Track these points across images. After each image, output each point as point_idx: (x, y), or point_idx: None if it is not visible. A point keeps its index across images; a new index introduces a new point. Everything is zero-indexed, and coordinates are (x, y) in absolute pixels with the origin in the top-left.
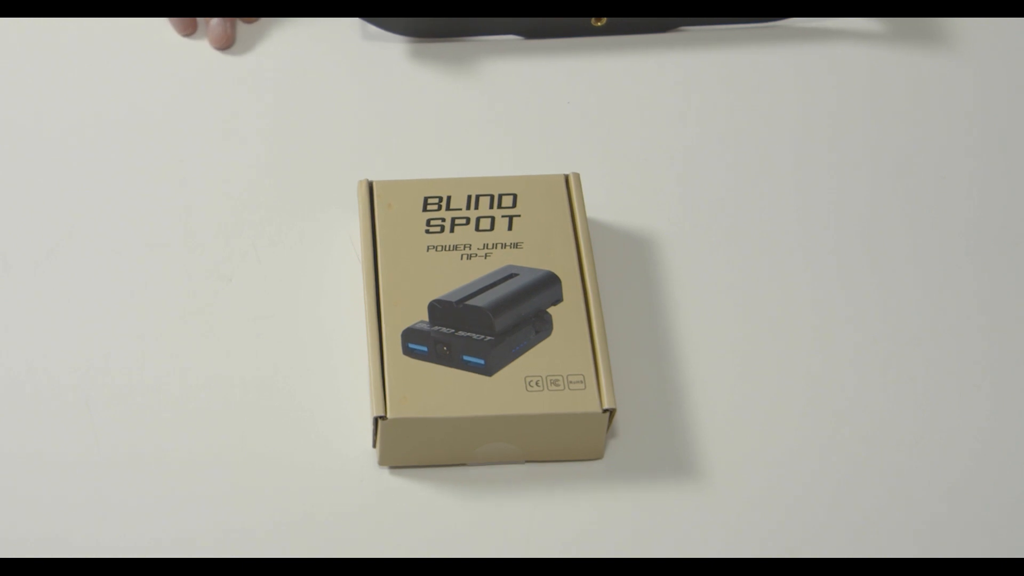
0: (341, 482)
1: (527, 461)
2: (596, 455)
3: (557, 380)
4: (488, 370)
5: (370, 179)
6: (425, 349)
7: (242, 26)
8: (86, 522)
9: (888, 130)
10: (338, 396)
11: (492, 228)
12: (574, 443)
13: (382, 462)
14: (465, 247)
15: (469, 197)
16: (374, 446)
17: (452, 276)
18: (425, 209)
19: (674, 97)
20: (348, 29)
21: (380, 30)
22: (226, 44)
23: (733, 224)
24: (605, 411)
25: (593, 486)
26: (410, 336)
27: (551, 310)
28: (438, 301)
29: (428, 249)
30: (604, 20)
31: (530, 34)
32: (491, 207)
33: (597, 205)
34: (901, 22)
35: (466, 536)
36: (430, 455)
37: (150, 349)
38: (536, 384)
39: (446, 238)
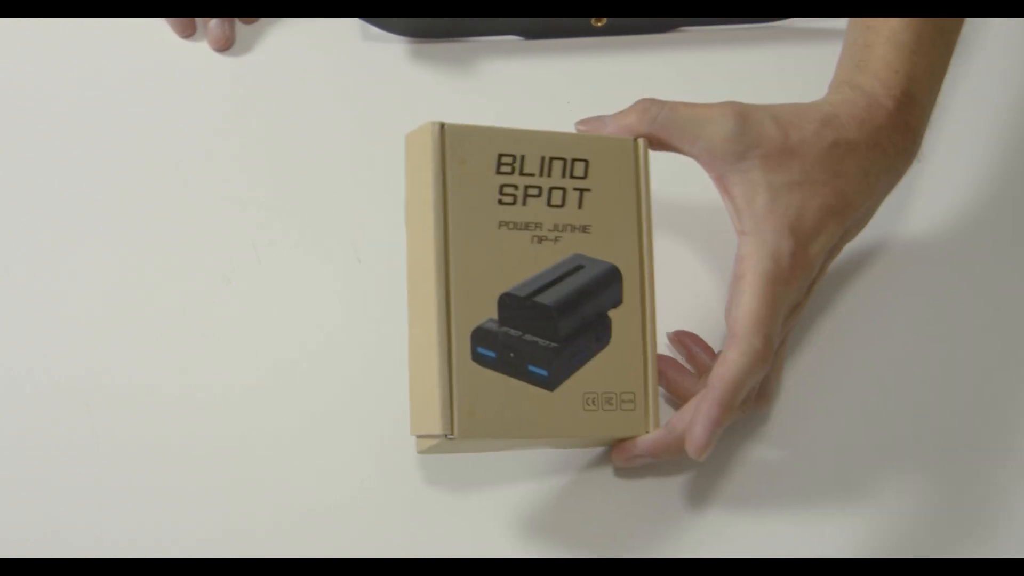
0: (340, 484)
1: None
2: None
3: (611, 398)
4: (550, 384)
5: (439, 121)
6: (493, 355)
7: (241, 27)
8: (83, 523)
9: None
10: (338, 397)
11: (563, 204)
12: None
13: (421, 450)
14: (536, 227)
15: (543, 160)
16: (412, 433)
17: (522, 262)
18: (499, 171)
19: (674, 97)
20: (348, 29)
21: (380, 30)
22: (225, 45)
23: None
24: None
25: (605, 483)
26: (480, 338)
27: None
28: (507, 295)
29: (500, 226)
30: (604, 20)
31: (530, 34)
32: (563, 175)
33: None
34: None
35: (476, 528)
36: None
37: (149, 350)
38: (592, 403)
39: (518, 212)
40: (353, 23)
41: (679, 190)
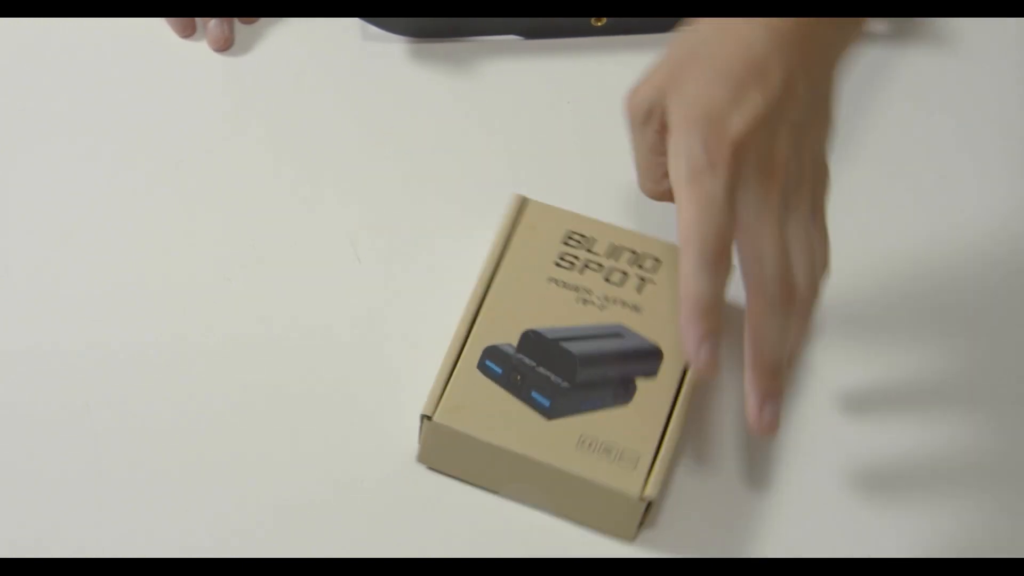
0: (340, 484)
1: (558, 516)
2: (626, 537)
3: (611, 449)
4: (550, 413)
5: (524, 195)
6: (500, 371)
7: (241, 27)
8: (81, 523)
9: (888, 130)
10: (338, 398)
11: (621, 284)
12: (607, 517)
13: (421, 459)
14: (586, 291)
15: (612, 245)
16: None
17: (560, 314)
18: (565, 243)
19: None
20: (348, 29)
21: (380, 30)
22: (225, 46)
23: None
24: (643, 499)
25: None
26: (491, 354)
27: (640, 381)
28: (533, 331)
29: (549, 281)
30: (604, 20)
31: (530, 34)
32: (631, 264)
33: (602, 208)
34: (901, 22)
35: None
36: (465, 471)
37: (149, 349)
38: (588, 445)
39: (572, 276)
40: (353, 23)
41: None
